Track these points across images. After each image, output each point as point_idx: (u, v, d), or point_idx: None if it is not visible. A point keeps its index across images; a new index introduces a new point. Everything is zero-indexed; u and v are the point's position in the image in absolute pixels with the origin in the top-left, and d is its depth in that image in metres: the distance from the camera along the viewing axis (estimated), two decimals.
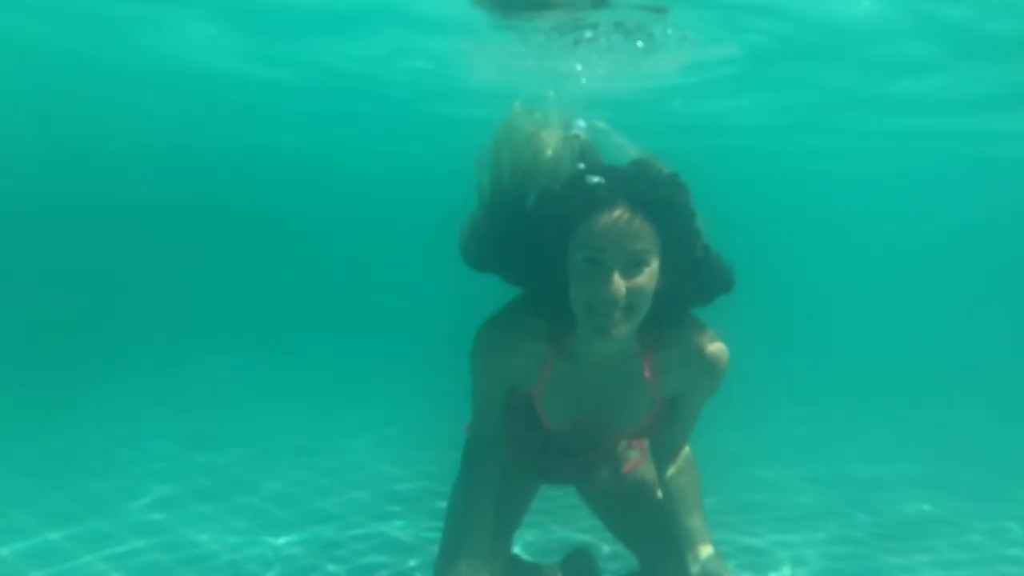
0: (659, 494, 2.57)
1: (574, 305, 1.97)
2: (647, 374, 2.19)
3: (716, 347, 2.18)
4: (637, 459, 2.71)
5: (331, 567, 4.22)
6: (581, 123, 2.23)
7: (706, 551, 2.18)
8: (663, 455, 2.44)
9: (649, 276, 1.91)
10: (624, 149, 2.04)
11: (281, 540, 4.54)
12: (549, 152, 2.01)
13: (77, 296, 15.10)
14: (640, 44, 5.52)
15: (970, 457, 7.32)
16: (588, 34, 5.23)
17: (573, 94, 6.69)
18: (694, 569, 2.16)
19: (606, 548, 4.32)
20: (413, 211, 20.04)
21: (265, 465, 6.12)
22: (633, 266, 1.89)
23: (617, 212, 1.88)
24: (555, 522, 4.93)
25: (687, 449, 2.44)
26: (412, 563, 4.30)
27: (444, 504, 2.44)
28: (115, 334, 12.29)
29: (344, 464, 6.25)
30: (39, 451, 6.24)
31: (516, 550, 3.58)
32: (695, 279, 2.04)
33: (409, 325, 14.38)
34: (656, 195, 1.90)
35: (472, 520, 2.28)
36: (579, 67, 5.97)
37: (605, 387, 2.24)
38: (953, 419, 9.14)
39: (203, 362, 10.96)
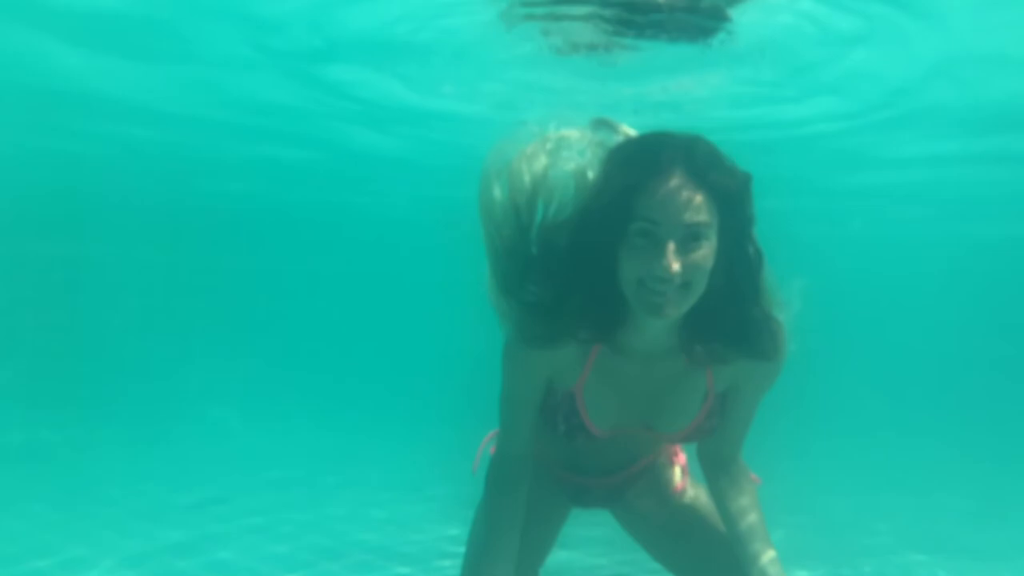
0: (711, 517, 2.34)
1: (624, 283, 1.78)
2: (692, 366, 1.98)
3: (776, 308, 1.94)
4: (680, 479, 2.49)
5: None
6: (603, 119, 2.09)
7: None
8: (715, 465, 2.21)
9: (707, 253, 1.73)
10: None
11: None
12: (572, 165, 1.89)
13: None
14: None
15: None
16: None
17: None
18: None
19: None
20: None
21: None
22: (690, 240, 1.70)
23: (674, 180, 1.70)
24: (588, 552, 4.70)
25: (741, 461, 2.22)
26: None
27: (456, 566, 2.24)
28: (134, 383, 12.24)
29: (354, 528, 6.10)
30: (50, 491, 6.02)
31: None
32: (742, 296, 1.85)
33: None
34: (716, 171, 1.73)
35: (495, 549, 2.07)
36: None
37: (653, 381, 2.02)
38: None
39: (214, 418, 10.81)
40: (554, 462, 2.42)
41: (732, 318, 1.87)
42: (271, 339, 21.83)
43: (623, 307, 1.86)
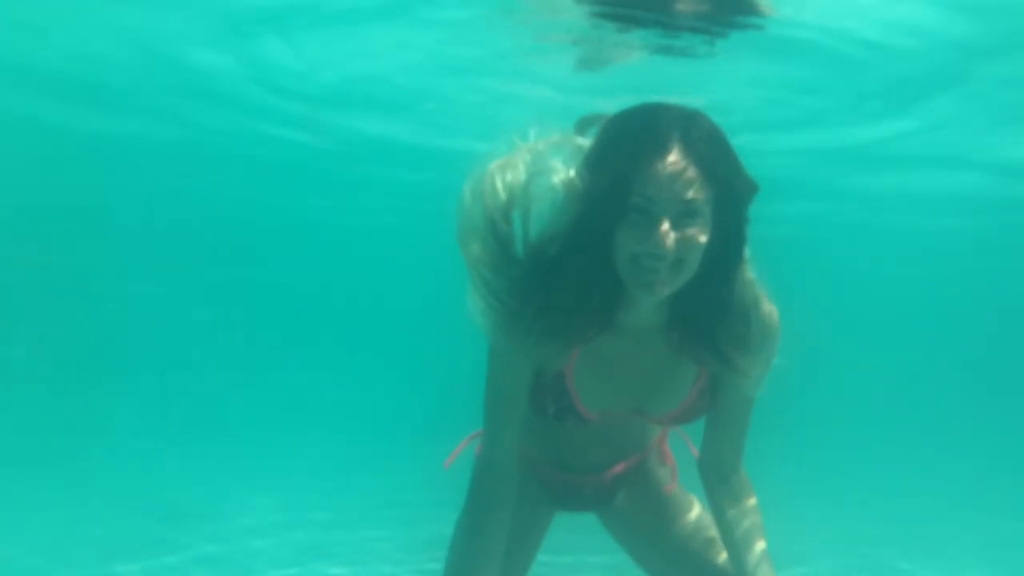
0: (705, 526, 2.28)
1: (618, 260, 1.72)
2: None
3: (765, 308, 1.91)
4: (669, 481, 2.41)
5: None
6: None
7: None
8: (715, 477, 2.13)
9: (701, 230, 1.68)
10: None
11: None
12: (553, 174, 1.80)
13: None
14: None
15: None
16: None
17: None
18: None
19: None
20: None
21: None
22: (685, 216, 1.66)
23: (671, 155, 1.65)
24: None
25: (743, 472, 2.13)
26: None
27: None
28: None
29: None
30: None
31: None
32: (722, 282, 1.81)
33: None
34: (715, 148, 1.68)
35: (475, 565, 2.03)
36: None
37: (643, 359, 1.97)
38: None
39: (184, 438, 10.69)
40: (542, 461, 2.33)
41: (715, 306, 1.84)
42: (255, 346, 21.72)
43: (620, 290, 1.81)
